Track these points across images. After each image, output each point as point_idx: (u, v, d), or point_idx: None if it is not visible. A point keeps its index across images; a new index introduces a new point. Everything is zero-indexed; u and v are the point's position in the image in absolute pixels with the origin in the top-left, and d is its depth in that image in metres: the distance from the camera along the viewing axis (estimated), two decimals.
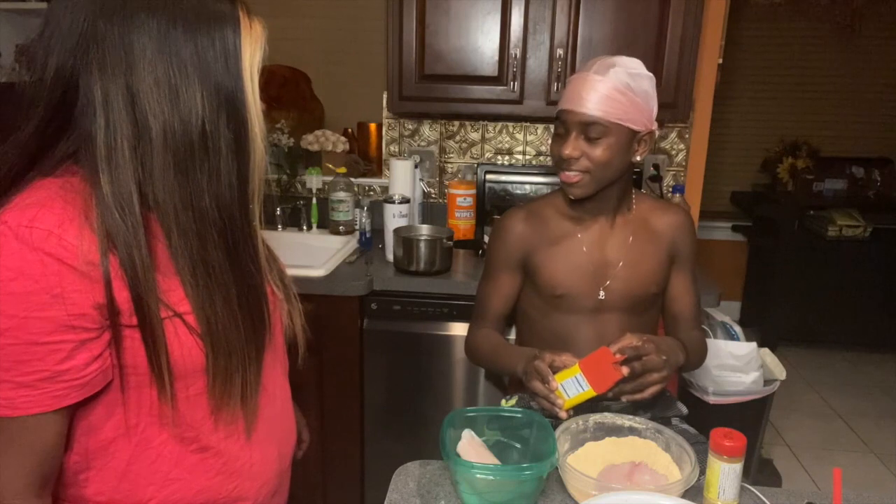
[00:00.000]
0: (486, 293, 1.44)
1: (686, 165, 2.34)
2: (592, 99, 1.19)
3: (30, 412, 0.67)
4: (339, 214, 2.26)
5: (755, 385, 2.09)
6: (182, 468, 0.79)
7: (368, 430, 2.02)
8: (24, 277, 0.63)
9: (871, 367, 3.61)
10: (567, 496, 1.01)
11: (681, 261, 1.37)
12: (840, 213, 3.64)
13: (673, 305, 1.39)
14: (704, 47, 2.14)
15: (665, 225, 1.36)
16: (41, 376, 0.66)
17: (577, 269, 1.33)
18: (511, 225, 1.39)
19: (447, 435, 1.01)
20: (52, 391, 0.67)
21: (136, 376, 0.73)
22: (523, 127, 2.39)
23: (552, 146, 1.29)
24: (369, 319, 1.93)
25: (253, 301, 0.78)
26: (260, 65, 0.73)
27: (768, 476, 2.42)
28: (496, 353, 1.36)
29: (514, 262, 1.39)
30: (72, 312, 0.66)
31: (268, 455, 0.87)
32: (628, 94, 1.20)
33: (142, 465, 0.77)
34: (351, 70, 3.42)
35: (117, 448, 0.76)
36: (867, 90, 3.96)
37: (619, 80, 1.19)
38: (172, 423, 0.77)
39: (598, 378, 1.10)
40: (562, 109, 1.25)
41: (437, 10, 1.99)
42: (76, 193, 0.67)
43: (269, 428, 0.87)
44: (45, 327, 0.65)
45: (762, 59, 3.97)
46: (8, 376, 0.66)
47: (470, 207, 2.19)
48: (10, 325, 0.64)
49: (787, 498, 1.04)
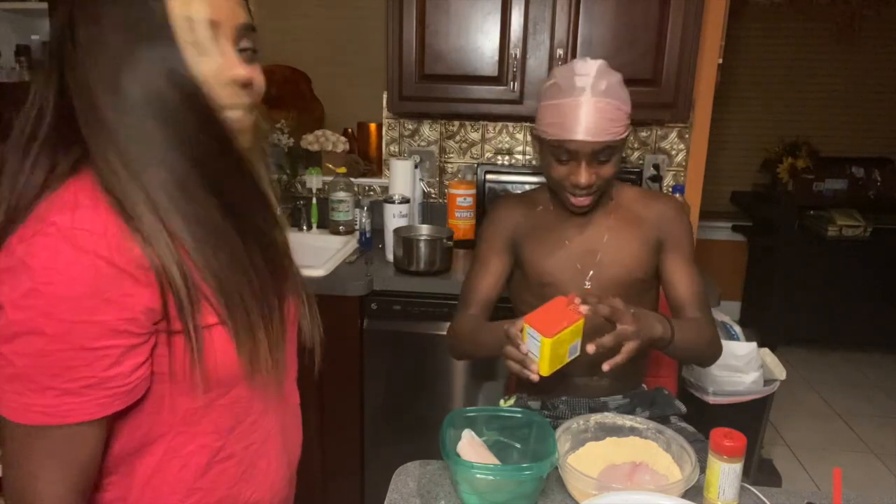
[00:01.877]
0: (472, 278, 1.41)
1: (686, 165, 2.34)
2: (598, 124, 1.17)
3: (74, 421, 0.65)
4: (339, 214, 2.26)
5: (755, 385, 2.09)
6: (207, 478, 0.78)
7: (368, 430, 2.02)
8: (76, 282, 0.61)
9: (871, 367, 3.61)
10: (567, 496, 1.01)
11: (672, 247, 1.33)
12: (840, 213, 3.64)
13: (671, 291, 1.35)
14: (704, 47, 2.14)
15: (651, 211, 1.34)
16: (88, 383, 0.64)
17: (562, 258, 1.34)
18: (503, 207, 1.41)
19: (447, 435, 1.01)
20: (98, 398, 0.65)
21: (173, 384, 0.72)
22: (523, 127, 2.39)
23: (553, 169, 1.26)
24: (369, 319, 1.93)
25: (269, 253, 0.76)
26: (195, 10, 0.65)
27: (768, 476, 2.42)
28: (479, 331, 1.31)
29: (505, 244, 1.39)
30: (122, 317, 0.64)
31: (281, 462, 0.87)
32: (619, 104, 1.20)
33: (167, 473, 0.75)
34: (351, 70, 3.42)
35: (145, 455, 0.74)
36: (867, 90, 3.96)
37: (608, 95, 1.18)
38: (202, 431, 0.75)
39: (548, 324, 1.01)
40: (568, 140, 1.19)
41: (437, 10, 1.99)
42: (106, 193, 0.66)
43: (283, 436, 0.87)
44: (96, 332, 0.63)
45: (762, 59, 3.97)
46: (55, 383, 0.63)
47: (470, 207, 2.19)
48: (59, 330, 0.62)
49: (787, 498, 1.04)
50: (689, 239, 1.36)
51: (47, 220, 0.63)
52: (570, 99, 1.19)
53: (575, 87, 1.18)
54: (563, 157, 1.23)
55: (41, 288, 0.61)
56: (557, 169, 1.25)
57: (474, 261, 1.43)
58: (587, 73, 1.18)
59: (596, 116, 1.17)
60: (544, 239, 1.35)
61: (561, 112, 1.20)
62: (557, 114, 1.21)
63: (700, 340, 1.27)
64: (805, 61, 3.96)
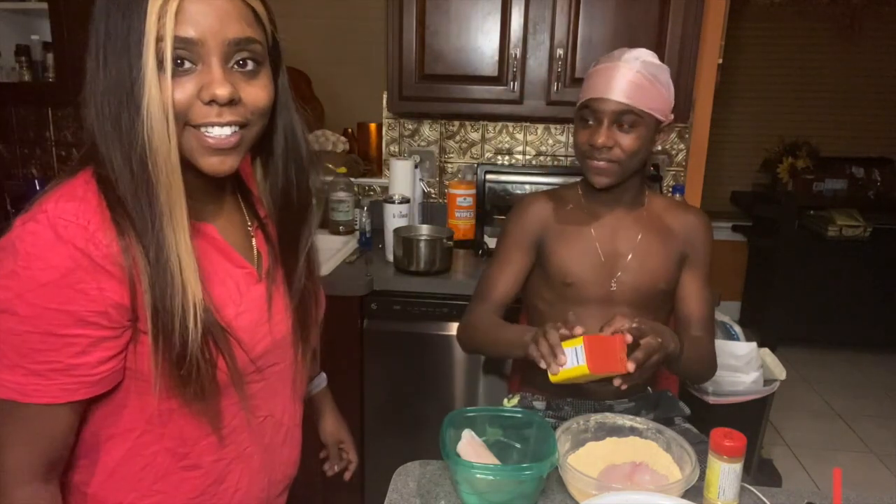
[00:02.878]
0: (492, 273, 1.39)
1: (686, 165, 2.34)
2: (625, 87, 1.19)
3: (39, 401, 0.68)
4: (339, 214, 2.26)
5: (755, 385, 2.09)
6: (168, 482, 0.79)
7: (368, 430, 2.02)
8: (53, 269, 0.64)
9: (871, 367, 3.61)
10: (567, 496, 1.01)
11: (693, 262, 1.35)
12: (840, 213, 3.64)
13: (682, 307, 1.36)
14: (704, 47, 2.14)
15: (680, 224, 1.35)
16: (53, 367, 0.67)
17: (588, 258, 1.32)
18: (532, 203, 1.39)
19: (447, 435, 1.01)
20: (63, 384, 0.68)
21: (142, 382, 0.73)
22: (523, 127, 2.39)
23: (578, 135, 1.28)
24: (369, 319, 1.93)
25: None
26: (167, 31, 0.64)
27: (768, 476, 2.42)
28: (499, 327, 1.30)
29: (529, 241, 1.37)
30: (92, 309, 0.66)
31: (256, 482, 0.86)
32: (655, 83, 1.21)
33: (130, 468, 0.77)
34: (351, 70, 3.42)
35: (112, 447, 0.76)
36: (867, 90, 3.96)
37: (645, 68, 1.20)
38: (168, 435, 0.77)
39: (599, 360, 0.99)
40: (592, 98, 1.23)
41: (437, 10, 1.99)
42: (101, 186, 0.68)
43: (266, 455, 0.87)
44: (65, 320, 0.66)
45: (762, 59, 3.97)
46: (23, 362, 0.66)
47: (470, 207, 2.19)
48: (31, 313, 0.65)
49: (787, 498, 1.04)
50: (710, 258, 1.36)
51: (41, 207, 0.66)
52: (606, 64, 1.23)
53: (613, 56, 1.23)
54: (588, 119, 1.25)
55: (20, 271, 0.64)
56: (581, 133, 1.27)
57: (496, 254, 1.41)
58: (632, 51, 1.22)
59: (624, 80, 1.19)
60: (572, 238, 1.34)
61: (594, 76, 1.24)
62: (591, 78, 1.25)
63: (701, 360, 1.31)
64: (805, 61, 3.96)
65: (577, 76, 2.00)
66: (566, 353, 1.01)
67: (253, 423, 0.83)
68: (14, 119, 2.52)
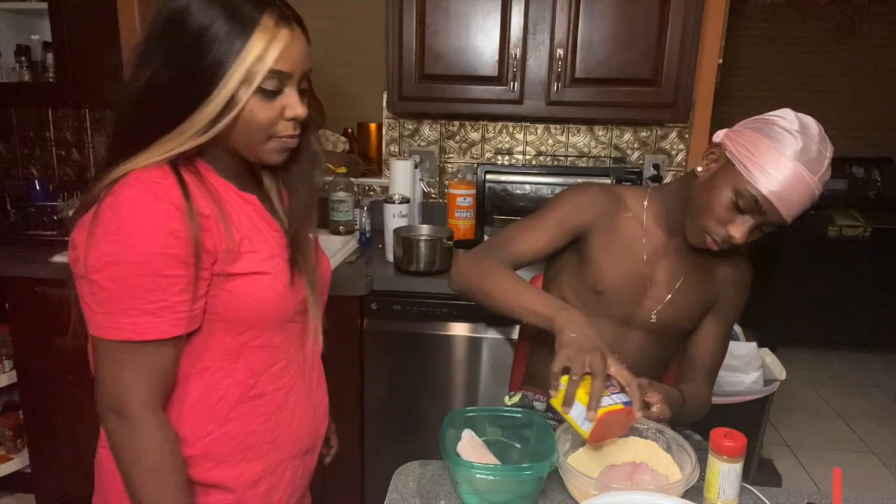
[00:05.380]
0: (523, 228, 1.26)
1: (686, 165, 2.34)
2: (800, 211, 1.06)
3: (153, 337, 0.79)
4: (339, 214, 2.26)
5: (755, 385, 2.09)
6: (240, 410, 0.90)
7: (368, 430, 2.02)
8: (154, 221, 0.77)
9: (871, 367, 3.61)
10: (567, 496, 1.01)
11: (721, 311, 1.29)
12: (840, 213, 3.64)
13: (694, 348, 1.31)
14: (704, 47, 2.14)
15: (720, 270, 1.28)
16: (162, 305, 0.79)
17: (627, 274, 1.24)
18: (595, 192, 1.26)
19: (447, 435, 1.01)
20: (170, 320, 0.80)
21: (220, 322, 0.86)
22: (523, 127, 2.39)
23: (718, 203, 1.09)
24: (369, 319, 1.93)
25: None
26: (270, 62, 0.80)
27: (768, 476, 2.42)
28: (521, 283, 1.17)
29: (574, 224, 1.24)
30: (189, 252, 0.79)
31: (306, 414, 0.99)
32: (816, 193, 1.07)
33: (208, 402, 0.88)
34: (351, 70, 3.42)
35: (192, 384, 0.87)
36: (867, 90, 3.96)
37: (824, 179, 1.05)
38: (240, 369, 0.89)
39: (603, 432, 0.99)
40: (767, 200, 1.04)
41: (437, 10, 1.99)
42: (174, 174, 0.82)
43: (307, 393, 0.99)
44: (169, 262, 0.78)
45: (762, 59, 3.97)
46: (137, 304, 0.78)
47: (470, 207, 2.19)
48: (140, 259, 0.76)
49: (787, 498, 1.04)
50: (740, 311, 1.31)
51: (131, 177, 0.79)
52: (803, 172, 1.03)
53: (813, 162, 1.03)
54: (738, 203, 1.08)
55: (126, 225, 0.76)
56: (724, 207, 1.09)
57: (536, 215, 1.27)
58: (825, 160, 1.05)
59: (806, 200, 1.05)
60: (618, 248, 1.24)
61: (781, 173, 1.03)
62: (779, 170, 1.03)
63: (694, 414, 1.28)
64: (805, 61, 3.96)
65: (577, 76, 2.00)
66: (575, 405, 0.97)
67: (297, 360, 0.97)
68: (14, 119, 2.52)
